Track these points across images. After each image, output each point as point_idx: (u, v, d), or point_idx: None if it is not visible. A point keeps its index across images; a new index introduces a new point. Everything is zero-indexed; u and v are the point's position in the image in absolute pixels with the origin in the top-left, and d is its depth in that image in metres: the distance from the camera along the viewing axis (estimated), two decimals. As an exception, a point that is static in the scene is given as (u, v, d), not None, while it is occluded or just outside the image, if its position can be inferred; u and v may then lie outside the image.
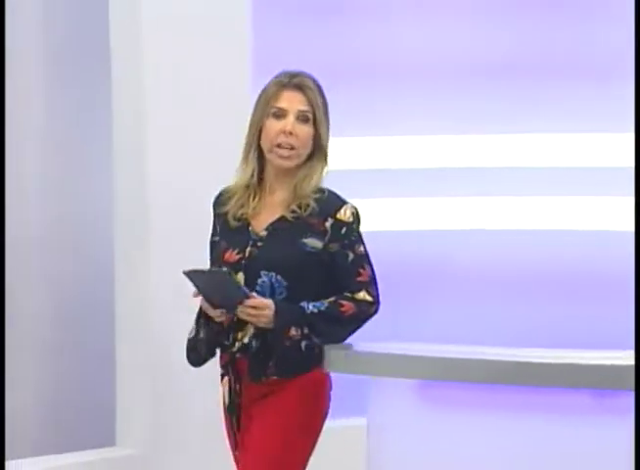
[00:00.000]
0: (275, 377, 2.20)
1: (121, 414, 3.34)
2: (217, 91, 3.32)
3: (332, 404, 2.43)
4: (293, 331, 2.16)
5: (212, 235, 2.32)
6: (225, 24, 3.30)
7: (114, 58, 3.32)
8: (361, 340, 2.36)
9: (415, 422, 2.25)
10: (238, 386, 2.22)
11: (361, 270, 2.24)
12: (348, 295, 2.22)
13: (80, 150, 3.59)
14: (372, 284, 2.24)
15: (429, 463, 2.26)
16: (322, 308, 2.20)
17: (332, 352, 2.21)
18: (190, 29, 3.28)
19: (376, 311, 2.25)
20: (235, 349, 2.20)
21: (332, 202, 2.24)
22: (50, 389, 3.50)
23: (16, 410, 3.18)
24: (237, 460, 2.27)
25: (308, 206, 2.21)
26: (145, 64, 3.30)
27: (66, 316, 3.55)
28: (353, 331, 2.23)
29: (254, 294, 2.16)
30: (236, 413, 2.24)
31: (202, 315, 2.22)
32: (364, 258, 2.24)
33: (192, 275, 2.14)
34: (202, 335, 2.23)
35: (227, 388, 2.23)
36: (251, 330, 2.19)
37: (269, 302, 2.15)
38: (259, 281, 2.20)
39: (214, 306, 2.17)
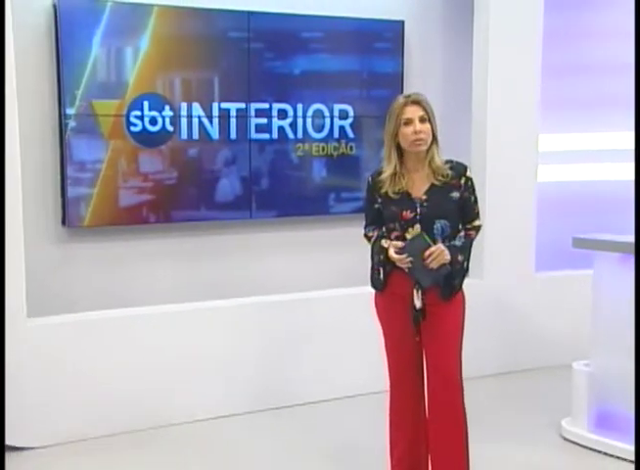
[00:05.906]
0: (455, 291, 2.82)
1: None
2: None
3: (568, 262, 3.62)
4: (459, 257, 2.79)
5: (373, 203, 2.89)
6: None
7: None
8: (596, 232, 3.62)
9: (617, 276, 3.46)
10: (424, 298, 2.80)
11: (475, 206, 2.87)
12: (469, 226, 2.85)
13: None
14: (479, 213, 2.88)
15: (624, 302, 3.45)
16: (463, 240, 2.82)
17: (580, 239, 3.54)
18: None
19: None
20: None
21: (460, 166, 2.85)
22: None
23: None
24: (406, 344, 2.87)
25: (448, 175, 2.80)
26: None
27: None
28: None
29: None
30: (421, 314, 2.81)
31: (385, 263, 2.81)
32: (477, 198, 2.88)
33: (407, 247, 2.71)
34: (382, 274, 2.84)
35: (416, 298, 2.79)
36: None
37: (440, 245, 2.75)
38: (435, 227, 2.79)
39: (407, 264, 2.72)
